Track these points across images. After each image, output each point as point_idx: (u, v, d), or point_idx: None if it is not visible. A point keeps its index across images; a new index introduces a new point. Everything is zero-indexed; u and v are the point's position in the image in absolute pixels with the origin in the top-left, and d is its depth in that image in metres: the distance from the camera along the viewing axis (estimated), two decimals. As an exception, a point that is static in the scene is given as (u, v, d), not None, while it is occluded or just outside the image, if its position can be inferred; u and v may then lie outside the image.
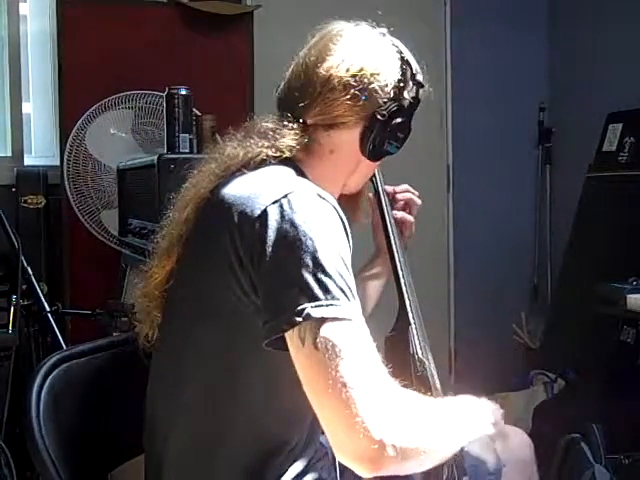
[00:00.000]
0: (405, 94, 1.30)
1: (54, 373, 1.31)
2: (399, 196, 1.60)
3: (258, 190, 1.13)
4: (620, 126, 3.31)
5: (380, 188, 1.55)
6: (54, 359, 1.33)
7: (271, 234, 1.07)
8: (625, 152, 3.24)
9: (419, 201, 1.63)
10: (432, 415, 1.09)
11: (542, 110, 4.02)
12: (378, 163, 1.40)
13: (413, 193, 1.62)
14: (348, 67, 1.26)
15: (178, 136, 2.38)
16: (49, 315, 2.33)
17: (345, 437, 0.98)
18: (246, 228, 1.10)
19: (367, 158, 1.32)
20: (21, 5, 3.25)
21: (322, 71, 1.27)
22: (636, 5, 3.42)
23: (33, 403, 1.25)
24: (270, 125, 1.29)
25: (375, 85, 1.26)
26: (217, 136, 1.35)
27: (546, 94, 4.03)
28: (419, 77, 1.32)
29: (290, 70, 1.33)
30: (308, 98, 1.28)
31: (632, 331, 2.70)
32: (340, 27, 1.33)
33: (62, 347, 2.25)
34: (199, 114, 2.59)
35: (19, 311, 2.33)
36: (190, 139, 2.39)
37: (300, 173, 1.25)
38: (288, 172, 1.23)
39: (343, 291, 1.04)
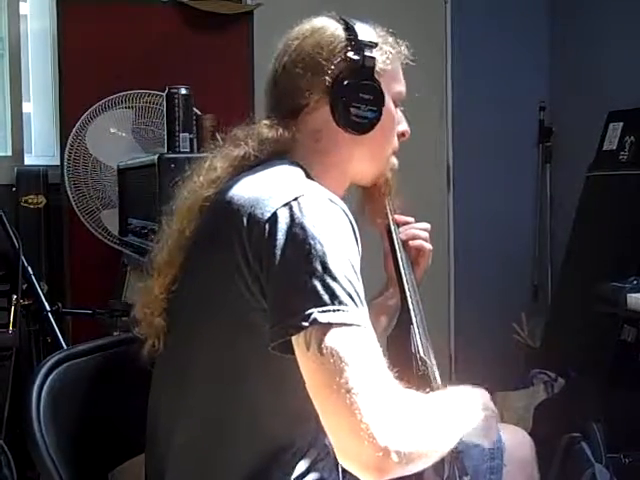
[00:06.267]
0: (351, 55, 1.28)
1: (54, 373, 1.31)
2: (410, 243, 1.57)
3: (268, 192, 1.13)
4: (620, 125, 3.31)
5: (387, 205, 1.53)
6: (54, 359, 1.33)
7: (280, 237, 1.06)
8: (625, 151, 3.23)
9: (429, 246, 1.60)
10: (435, 415, 1.09)
11: (542, 109, 4.01)
12: (384, 143, 1.38)
13: (424, 239, 1.59)
14: (290, 52, 1.31)
15: (178, 136, 2.38)
16: (49, 315, 2.33)
17: (349, 444, 0.97)
18: (255, 230, 1.09)
19: (350, 132, 1.29)
20: (21, 5, 3.25)
21: (274, 66, 1.34)
22: (636, 4, 3.42)
23: (33, 403, 1.25)
24: (243, 131, 1.32)
25: (318, 58, 1.28)
26: (217, 135, 1.35)
27: (546, 93, 4.03)
28: (364, 36, 1.30)
29: None
30: (269, 98, 1.34)
31: (632, 330, 2.70)
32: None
33: (62, 347, 2.25)
34: (199, 113, 2.59)
35: (19, 311, 2.33)
36: (190, 138, 2.39)
37: (307, 175, 1.24)
38: (297, 173, 1.23)
39: (351, 297, 1.03)
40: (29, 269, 2.36)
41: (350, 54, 1.28)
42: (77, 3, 3.01)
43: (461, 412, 1.18)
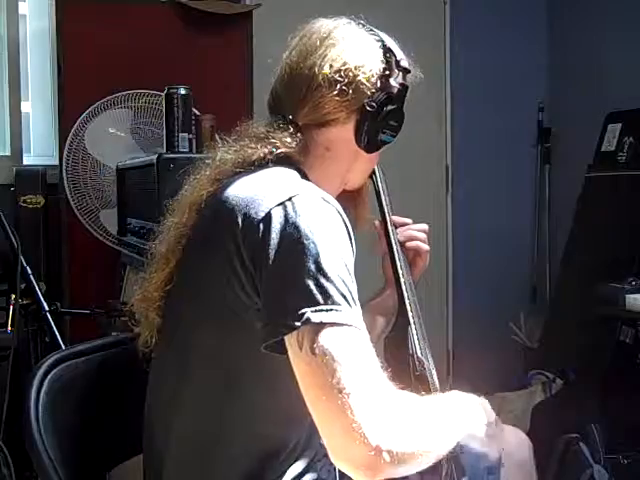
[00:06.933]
0: (392, 81, 1.29)
1: (53, 373, 1.31)
2: (407, 244, 1.56)
3: (262, 192, 1.13)
4: (619, 126, 3.31)
5: (383, 194, 1.53)
6: (53, 359, 1.33)
7: (274, 237, 1.07)
8: (624, 152, 3.24)
9: (427, 247, 1.58)
10: (428, 416, 1.08)
11: (541, 110, 4.02)
12: (377, 155, 1.38)
13: (421, 240, 1.57)
14: (331, 63, 1.26)
15: (177, 135, 2.38)
16: (48, 314, 2.33)
17: (341, 443, 0.97)
18: (249, 230, 1.10)
19: (364, 151, 1.30)
20: (20, 4, 3.25)
21: (305, 71, 1.27)
22: (635, 5, 3.43)
23: (32, 403, 1.25)
24: (262, 129, 1.29)
25: (361, 77, 1.26)
26: (217, 136, 1.35)
27: (545, 94, 4.04)
28: (403, 63, 1.31)
29: (276, 75, 1.34)
30: (295, 99, 1.28)
31: (631, 331, 2.70)
32: (318, 24, 1.32)
33: (61, 347, 2.24)
34: (198, 114, 2.58)
35: (18, 310, 2.32)
36: (189, 139, 2.39)
37: (303, 175, 1.24)
38: (292, 174, 1.23)
39: (344, 296, 1.03)
40: (28, 269, 2.35)
41: (392, 81, 1.28)
42: (76, 3, 3.01)
43: (457, 415, 1.18)
